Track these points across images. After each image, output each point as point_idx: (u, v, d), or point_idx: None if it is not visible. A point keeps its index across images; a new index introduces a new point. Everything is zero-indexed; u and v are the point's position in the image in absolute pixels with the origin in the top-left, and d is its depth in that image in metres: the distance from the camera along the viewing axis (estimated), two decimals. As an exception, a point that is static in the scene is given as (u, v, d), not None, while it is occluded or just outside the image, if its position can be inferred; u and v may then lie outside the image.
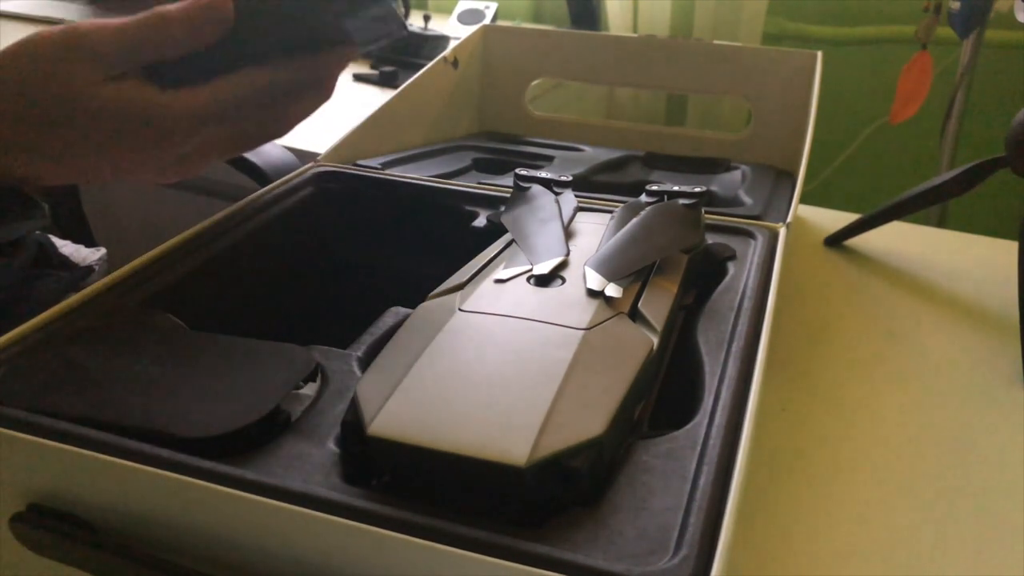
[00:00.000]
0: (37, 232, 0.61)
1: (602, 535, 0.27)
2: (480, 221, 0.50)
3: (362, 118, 0.62)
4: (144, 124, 0.41)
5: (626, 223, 0.44)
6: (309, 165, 0.56)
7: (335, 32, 0.43)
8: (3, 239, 0.48)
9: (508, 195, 0.50)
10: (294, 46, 0.43)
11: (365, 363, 0.36)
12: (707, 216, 0.49)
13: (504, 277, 0.39)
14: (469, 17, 1.40)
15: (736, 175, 0.65)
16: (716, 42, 0.74)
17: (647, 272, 0.40)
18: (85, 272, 0.61)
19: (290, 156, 0.65)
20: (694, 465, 0.30)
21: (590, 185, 0.61)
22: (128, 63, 0.41)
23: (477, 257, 0.42)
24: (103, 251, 0.63)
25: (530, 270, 0.39)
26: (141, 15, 0.41)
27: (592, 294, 0.37)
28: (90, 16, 1.26)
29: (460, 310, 0.36)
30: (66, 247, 0.64)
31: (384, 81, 1.09)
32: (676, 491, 0.29)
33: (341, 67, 0.46)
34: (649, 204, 0.46)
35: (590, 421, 0.29)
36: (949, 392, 0.50)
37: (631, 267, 0.40)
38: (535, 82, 0.79)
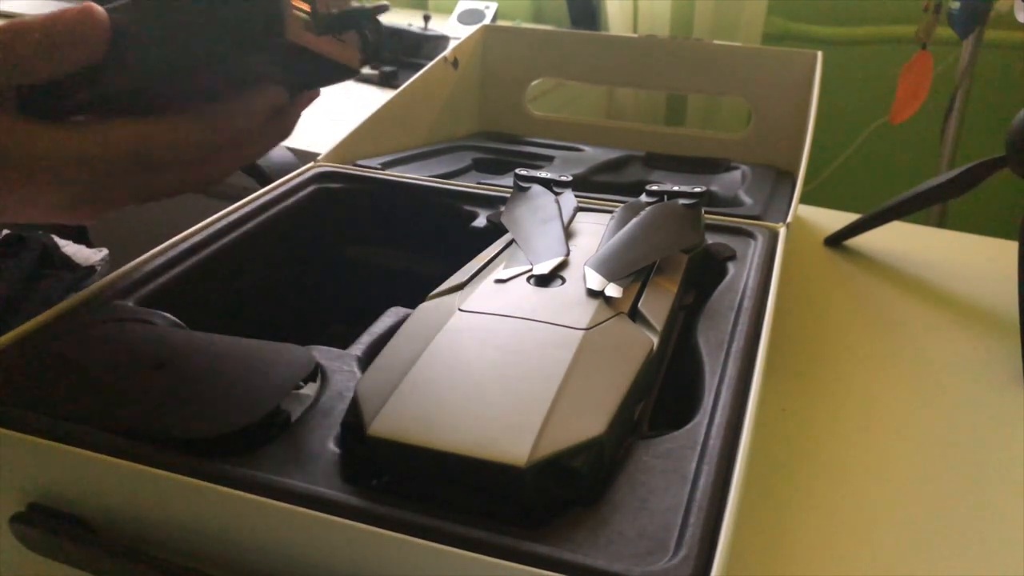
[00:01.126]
0: (40, 232, 0.61)
1: (602, 535, 0.27)
2: (480, 221, 0.50)
3: (362, 118, 0.62)
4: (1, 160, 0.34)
5: (626, 223, 0.44)
6: (309, 165, 0.56)
7: (244, 75, 0.38)
8: None
9: (508, 195, 0.50)
10: (195, 89, 0.37)
11: (365, 363, 0.36)
12: (707, 216, 0.49)
13: (504, 277, 0.39)
14: (469, 17, 1.40)
15: (736, 175, 0.65)
16: (716, 42, 0.74)
17: (647, 272, 0.40)
18: (87, 272, 0.60)
19: (290, 156, 0.65)
20: (694, 465, 0.30)
21: (590, 185, 0.61)
22: None
23: (477, 257, 0.42)
24: (105, 251, 0.63)
25: (530, 270, 0.39)
26: None
27: (592, 294, 0.37)
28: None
29: (460, 310, 0.36)
30: (68, 247, 0.64)
31: (384, 81, 1.09)
32: (676, 491, 0.29)
33: (284, 109, 0.40)
34: (649, 204, 0.46)
35: (590, 421, 0.29)
36: (949, 392, 0.50)
37: (631, 267, 0.40)
38: (535, 82, 0.79)
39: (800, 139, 0.62)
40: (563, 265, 0.40)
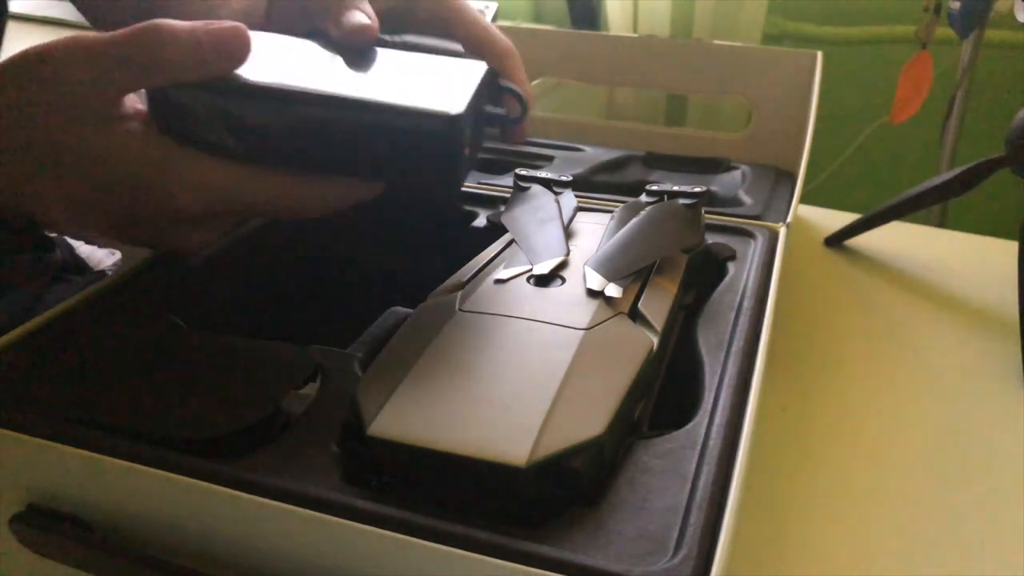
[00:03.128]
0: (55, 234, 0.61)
1: (602, 535, 0.27)
2: (480, 221, 0.50)
3: (362, 118, 0.61)
4: (156, 187, 0.35)
5: (626, 223, 0.44)
6: (309, 165, 0.56)
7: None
8: (21, 279, 0.42)
9: (508, 195, 0.50)
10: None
11: (365, 363, 0.36)
12: (707, 216, 0.49)
13: (504, 277, 0.39)
14: (469, 17, 1.40)
15: (736, 175, 0.65)
16: (716, 42, 0.74)
17: (647, 272, 0.40)
18: (98, 277, 0.60)
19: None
20: (694, 465, 0.30)
21: (590, 185, 0.61)
22: (110, 85, 0.33)
23: (477, 257, 0.42)
24: (118, 255, 0.63)
25: (530, 270, 0.39)
26: (137, 25, 0.33)
27: (592, 294, 0.37)
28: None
29: (460, 310, 0.36)
30: (81, 247, 0.63)
31: (384, 81, 1.09)
32: (676, 491, 0.29)
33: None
34: (649, 204, 0.46)
35: (590, 421, 0.29)
36: (949, 392, 0.50)
37: (631, 267, 0.40)
38: (535, 82, 0.78)
39: (800, 139, 0.62)
40: (563, 265, 0.40)
